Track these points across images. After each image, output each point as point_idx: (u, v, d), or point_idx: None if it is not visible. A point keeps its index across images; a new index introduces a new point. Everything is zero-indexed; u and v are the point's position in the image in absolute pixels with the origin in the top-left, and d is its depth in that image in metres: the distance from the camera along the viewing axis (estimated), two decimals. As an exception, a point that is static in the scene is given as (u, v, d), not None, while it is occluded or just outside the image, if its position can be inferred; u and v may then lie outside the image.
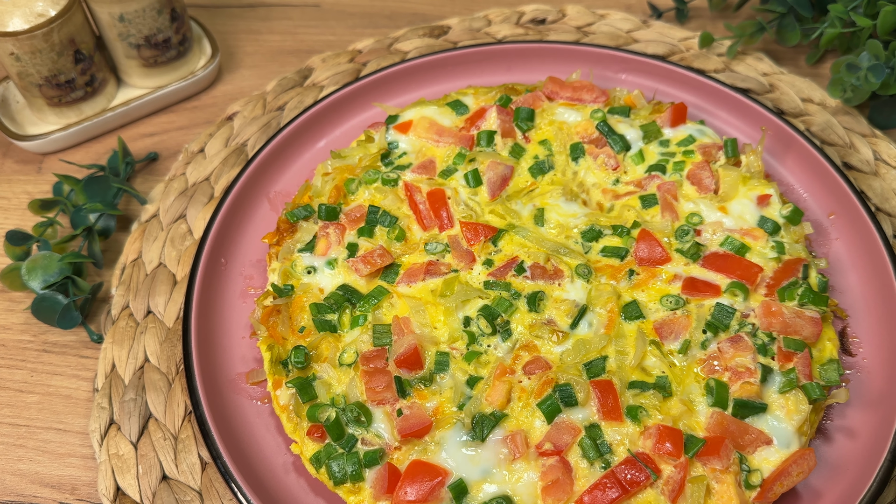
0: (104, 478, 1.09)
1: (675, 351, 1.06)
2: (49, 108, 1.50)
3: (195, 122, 1.59)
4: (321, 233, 1.20)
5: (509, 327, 1.09)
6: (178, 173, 1.45)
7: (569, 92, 1.36)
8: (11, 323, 1.30)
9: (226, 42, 1.74)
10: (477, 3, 1.81)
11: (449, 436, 0.99)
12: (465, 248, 1.17)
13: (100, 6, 1.44)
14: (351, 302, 1.13)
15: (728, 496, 0.94)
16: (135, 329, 1.24)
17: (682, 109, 1.31)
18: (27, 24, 1.35)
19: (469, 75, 1.51)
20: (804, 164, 1.31)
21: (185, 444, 1.12)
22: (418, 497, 0.95)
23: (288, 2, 1.84)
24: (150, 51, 1.52)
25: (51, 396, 1.21)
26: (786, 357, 1.04)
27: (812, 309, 1.08)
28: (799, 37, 1.56)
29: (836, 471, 1.02)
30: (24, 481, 1.13)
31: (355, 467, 0.98)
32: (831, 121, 1.45)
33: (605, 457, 0.97)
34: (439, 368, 1.06)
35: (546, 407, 1.00)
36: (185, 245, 1.34)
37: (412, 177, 1.27)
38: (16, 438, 1.17)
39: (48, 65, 1.42)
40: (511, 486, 0.96)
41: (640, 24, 1.66)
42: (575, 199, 1.23)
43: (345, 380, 1.06)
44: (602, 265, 1.15)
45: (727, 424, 0.98)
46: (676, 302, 1.10)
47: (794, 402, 1.01)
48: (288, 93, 1.57)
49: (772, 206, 1.19)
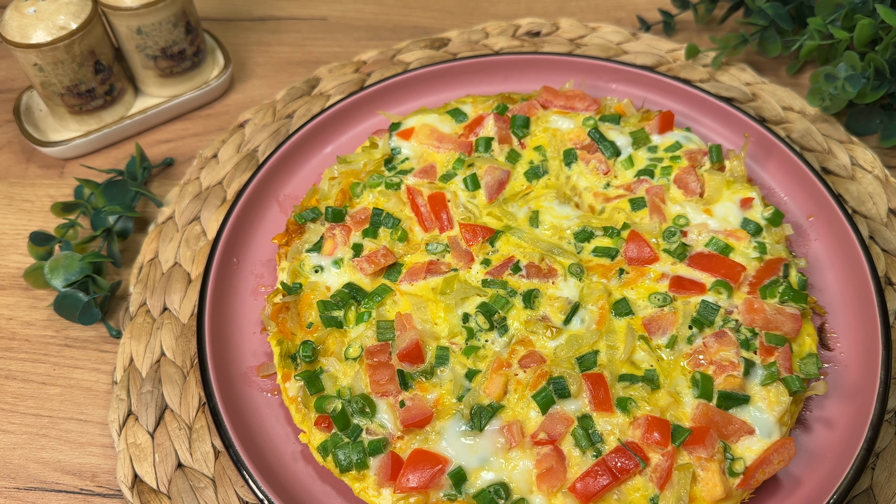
0: (122, 466, 1.10)
1: (662, 346, 1.06)
2: (70, 116, 1.50)
3: (208, 129, 1.59)
4: (328, 234, 1.21)
5: (506, 323, 1.09)
6: (193, 177, 1.45)
7: (562, 101, 1.36)
8: (35, 319, 1.30)
9: (238, 53, 1.74)
10: (475, 17, 1.81)
11: (449, 426, 1.00)
12: (464, 248, 1.18)
13: (119, 19, 1.44)
14: (356, 299, 1.13)
15: (713, 483, 0.94)
16: (151, 325, 1.24)
17: (669, 117, 1.31)
18: (50, 37, 1.35)
19: (468, 85, 1.51)
20: (785, 168, 1.31)
21: (199, 433, 1.12)
22: (420, 484, 0.95)
23: (296, 15, 1.84)
24: (166, 62, 1.52)
25: (72, 389, 1.22)
26: (767, 351, 1.05)
27: (792, 306, 1.09)
28: (780, 48, 1.56)
29: (814, 459, 1.02)
30: (46, 469, 1.13)
31: (360, 456, 0.98)
32: (810, 128, 1.45)
33: (597, 446, 0.97)
34: (439, 362, 1.06)
35: (541, 398, 1.00)
36: (199, 245, 1.34)
37: (414, 181, 1.27)
38: (39, 428, 1.17)
39: (70, 75, 1.42)
40: (507, 474, 0.96)
41: (630, 36, 1.66)
42: (568, 202, 1.24)
43: (350, 373, 1.06)
44: (594, 264, 1.15)
45: (712, 415, 0.98)
46: (664, 299, 1.10)
47: (775, 393, 1.01)
48: (296, 101, 1.58)
49: (754, 208, 1.19)
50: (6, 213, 1.45)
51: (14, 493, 1.11)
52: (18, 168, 1.53)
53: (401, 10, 1.84)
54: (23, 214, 1.45)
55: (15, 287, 1.34)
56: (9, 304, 1.32)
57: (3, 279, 1.35)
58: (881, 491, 1.04)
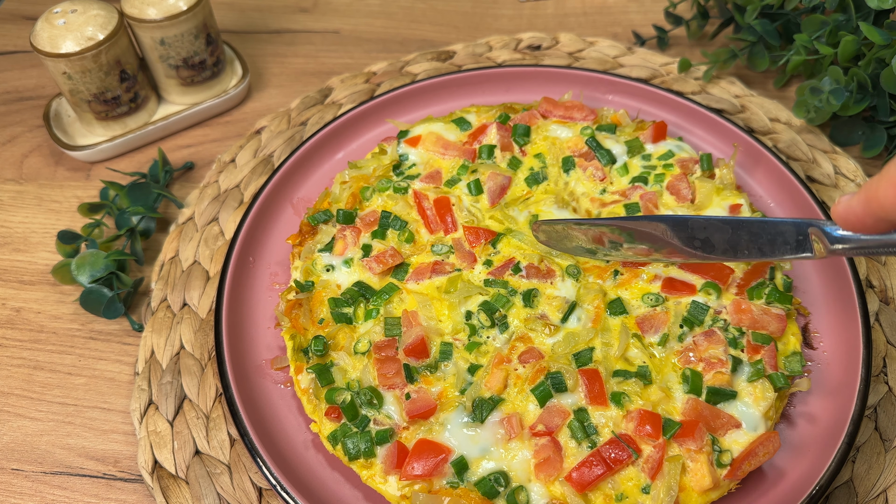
0: (143, 452, 1.10)
1: (654, 343, 1.06)
2: (97, 122, 1.50)
3: (227, 136, 1.59)
4: (339, 235, 1.21)
5: (506, 321, 1.09)
6: (212, 181, 1.46)
7: (561, 111, 1.36)
8: (62, 313, 1.30)
9: (255, 64, 1.75)
10: (479, 31, 1.81)
11: (452, 417, 1.00)
12: (467, 249, 1.17)
13: (143, 31, 1.44)
14: (365, 297, 1.13)
15: (702, 474, 0.94)
16: (172, 319, 1.24)
17: (662, 127, 1.31)
18: (78, 47, 1.36)
19: (472, 95, 1.51)
20: (772, 177, 1.31)
21: (215, 422, 1.12)
22: (424, 472, 0.95)
23: (311, 28, 1.84)
24: (187, 71, 1.53)
25: (96, 379, 1.22)
26: (754, 349, 1.04)
27: (778, 307, 1.08)
28: (768, 63, 1.56)
29: (798, 452, 1.02)
30: (72, 454, 1.13)
31: (368, 445, 0.98)
32: (796, 138, 1.45)
33: (592, 437, 0.97)
34: (443, 357, 1.06)
35: (539, 392, 1.00)
36: (218, 245, 1.34)
37: (421, 185, 1.27)
38: (65, 416, 1.17)
39: (96, 83, 1.42)
40: (507, 463, 0.96)
41: (626, 50, 1.66)
42: (566, 207, 1.23)
43: (359, 366, 1.06)
44: (590, 266, 1.15)
45: (701, 409, 0.98)
46: (656, 299, 1.10)
47: (761, 390, 1.00)
48: (310, 110, 1.58)
49: (742, 214, 1.19)
50: (36, 213, 1.45)
51: (41, 477, 1.11)
52: (48, 171, 1.53)
53: (409, 24, 1.84)
54: (51, 214, 1.45)
55: (43, 283, 1.34)
56: (37, 298, 1.32)
57: (33, 275, 1.35)
58: (861, 483, 1.04)
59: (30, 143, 1.58)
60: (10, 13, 1.92)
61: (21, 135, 1.61)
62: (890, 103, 1.37)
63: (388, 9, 1.89)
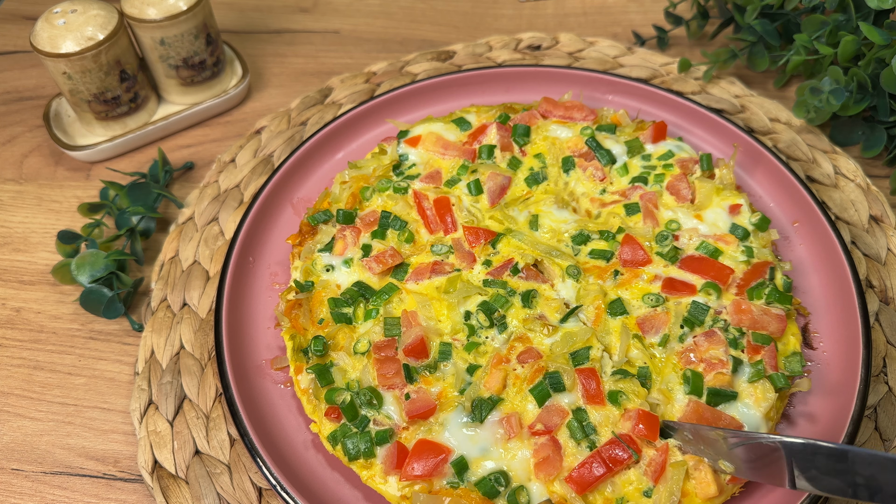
0: (143, 452, 1.09)
1: (655, 344, 1.06)
2: (97, 122, 1.50)
3: (227, 136, 1.59)
4: (339, 235, 1.20)
5: (505, 321, 1.09)
6: (212, 181, 1.45)
7: (561, 111, 1.36)
8: (62, 313, 1.30)
9: (255, 64, 1.74)
10: (479, 31, 1.81)
11: (451, 417, 0.99)
12: (466, 249, 1.17)
13: (143, 31, 1.44)
14: (365, 297, 1.13)
15: (706, 482, 0.93)
16: (172, 319, 1.24)
17: (662, 127, 1.31)
18: (78, 47, 1.36)
19: (472, 95, 1.51)
20: (771, 177, 1.31)
21: (215, 422, 1.12)
22: (424, 472, 0.95)
23: (311, 29, 1.84)
24: (187, 71, 1.52)
25: (96, 379, 1.21)
26: (754, 350, 1.04)
27: (778, 307, 1.08)
28: (768, 63, 1.56)
29: (798, 452, 1.02)
30: (72, 454, 1.13)
31: (368, 445, 0.98)
32: (796, 138, 1.44)
33: (591, 437, 0.97)
34: (443, 357, 1.05)
35: (537, 392, 1.00)
36: (217, 245, 1.34)
37: (420, 186, 1.27)
38: (65, 416, 1.17)
39: (96, 83, 1.42)
40: (507, 463, 0.96)
41: (626, 50, 1.66)
42: (566, 207, 1.23)
43: (359, 366, 1.06)
44: (590, 266, 1.15)
45: (702, 411, 0.98)
46: (657, 300, 1.09)
47: (761, 390, 1.00)
48: (310, 110, 1.57)
49: (742, 214, 1.18)
50: (36, 213, 1.45)
51: (41, 477, 1.11)
52: (48, 170, 1.53)
53: (409, 24, 1.84)
54: (51, 214, 1.45)
55: (43, 283, 1.34)
56: (37, 298, 1.32)
57: (33, 275, 1.35)
58: (861, 483, 1.04)
59: (30, 143, 1.58)
60: (10, 13, 1.92)
61: (21, 135, 1.60)
62: (890, 103, 1.37)
63: (388, 9, 1.88)
